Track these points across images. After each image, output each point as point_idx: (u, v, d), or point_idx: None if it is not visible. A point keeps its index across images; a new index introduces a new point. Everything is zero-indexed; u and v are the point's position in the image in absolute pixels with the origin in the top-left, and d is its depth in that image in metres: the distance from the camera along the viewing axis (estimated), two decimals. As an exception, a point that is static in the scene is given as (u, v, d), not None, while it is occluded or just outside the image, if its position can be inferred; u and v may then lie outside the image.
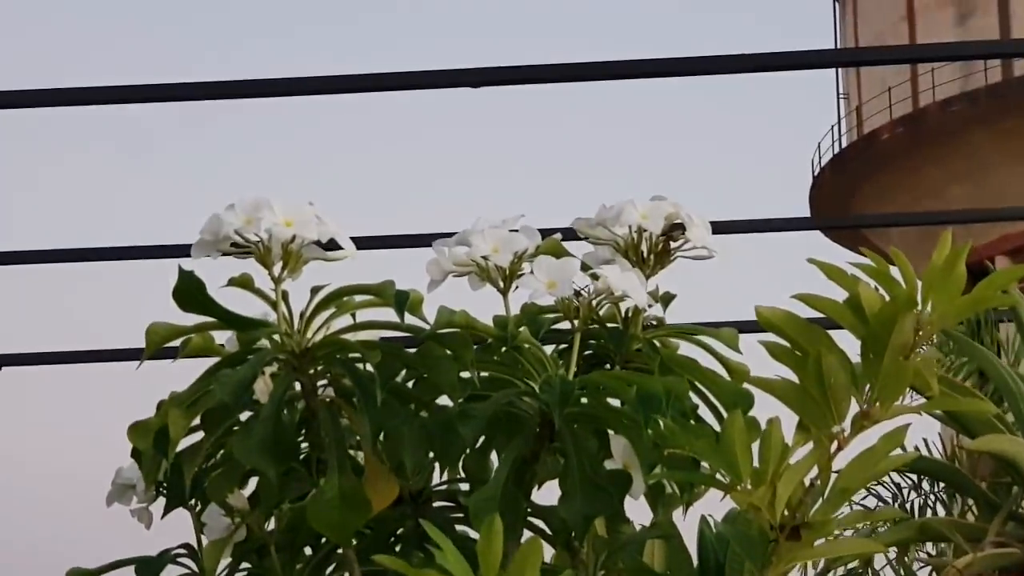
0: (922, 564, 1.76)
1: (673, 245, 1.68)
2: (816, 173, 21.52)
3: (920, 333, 1.30)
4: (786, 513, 1.34)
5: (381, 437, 1.60)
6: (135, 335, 1.62)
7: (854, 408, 1.35)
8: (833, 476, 1.39)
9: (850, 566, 2.28)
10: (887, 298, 1.31)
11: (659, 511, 1.75)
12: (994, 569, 1.43)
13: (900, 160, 19.91)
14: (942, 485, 2.16)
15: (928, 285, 1.30)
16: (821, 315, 1.41)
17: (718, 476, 1.38)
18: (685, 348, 1.74)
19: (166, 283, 1.54)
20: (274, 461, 1.49)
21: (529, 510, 1.64)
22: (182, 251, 1.83)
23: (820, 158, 21.75)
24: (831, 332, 1.40)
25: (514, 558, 1.29)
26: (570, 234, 1.73)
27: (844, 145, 21.50)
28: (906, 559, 1.79)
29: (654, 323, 1.73)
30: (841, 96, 22.65)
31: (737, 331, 1.73)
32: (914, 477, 2.37)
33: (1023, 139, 18.95)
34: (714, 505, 1.95)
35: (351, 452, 1.61)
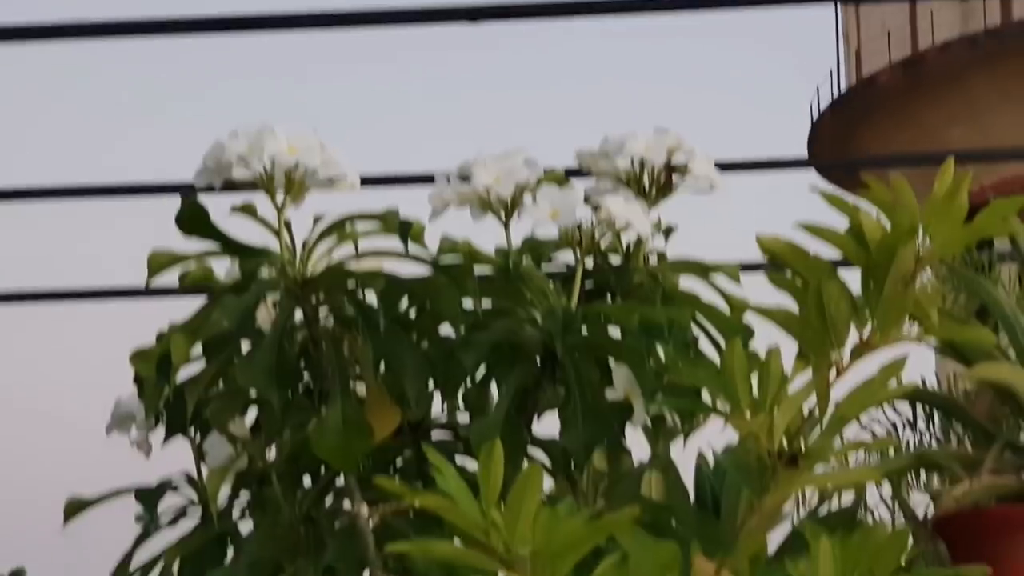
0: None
1: (675, 177, 1.68)
2: (815, 118, 21.47)
3: (921, 262, 1.30)
4: (784, 441, 1.35)
5: (383, 366, 1.61)
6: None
7: (853, 337, 1.35)
8: (832, 407, 1.40)
9: (844, 500, 2.29)
10: (888, 228, 1.32)
11: (658, 444, 1.76)
12: (991, 498, 1.44)
13: (899, 104, 19.86)
14: (937, 424, 2.17)
15: (929, 214, 1.30)
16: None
17: (718, 405, 1.39)
18: (685, 284, 1.74)
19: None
20: (277, 387, 1.50)
21: (529, 440, 1.65)
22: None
23: (819, 103, 21.70)
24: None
25: (514, 484, 1.30)
26: (570, 175, 1.73)
27: (843, 89, 21.43)
28: (902, 489, 1.80)
29: (655, 256, 1.74)
30: (840, 38, 22.58)
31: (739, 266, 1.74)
32: (908, 417, 2.38)
33: (1023, 81, 18.90)
34: (710, 445, 1.96)
35: (352, 383, 1.61)
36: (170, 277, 1.62)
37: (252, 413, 1.74)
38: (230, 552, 1.69)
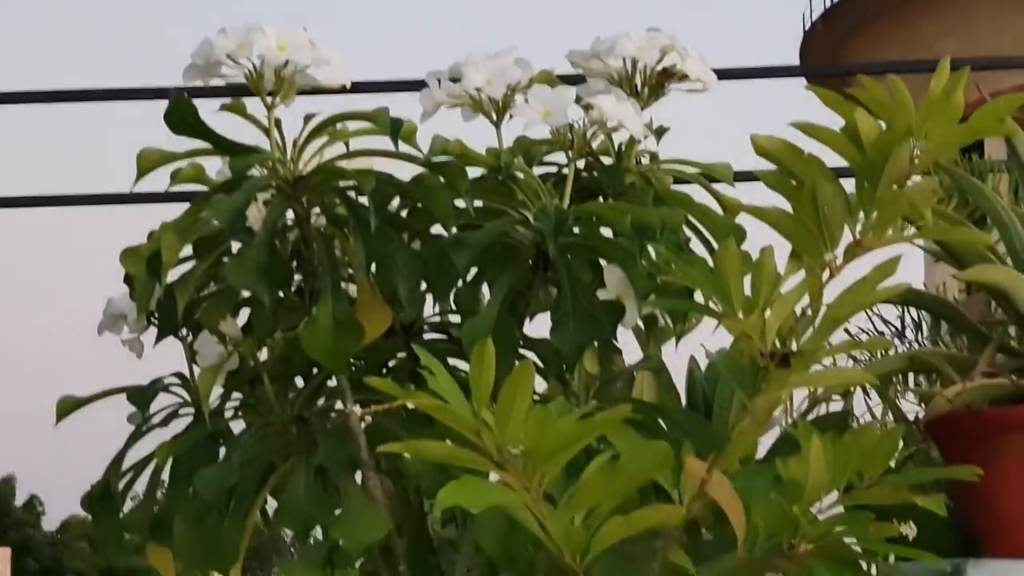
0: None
1: (667, 77, 1.67)
2: (807, 28, 21.36)
3: (916, 162, 1.29)
4: (776, 342, 1.35)
5: (374, 267, 1.61)
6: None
7: (847, 238, 1.35)
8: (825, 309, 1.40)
9: (834, 405, 2.30)
10: (883, 128, 1.30)
11: (650, 346, 1.76)
12: (984, 400, 1.44)
13: (892, 14, 19.76)
14: (927, 333, 2.17)
15: (924, 114, 1.29)
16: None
17: (710, 305, 1.38)
18: (678, 187, 1.74)
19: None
20: (268, 285, 1.49)
21: (520, 341, 1.65)
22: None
23: (811, 12, 21.58)
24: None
25: (506, 383, 1.30)
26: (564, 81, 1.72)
27: (836, -1, 21.31)
28: (894, 392, 1.80)
29: (647, 157, 1.73)
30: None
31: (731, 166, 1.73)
32: (898, 325, 2.38)
33: (1017, -8, 18.79)
34: (701, 352, 1.96)
35: (343, 285, 1.61)
36: (161, 182, 1.61)
37: (243, 314, 1.74)
38: (222, 452, 1.70)
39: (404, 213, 1.62)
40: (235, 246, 1.61)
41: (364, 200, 1.56)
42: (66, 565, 24.78)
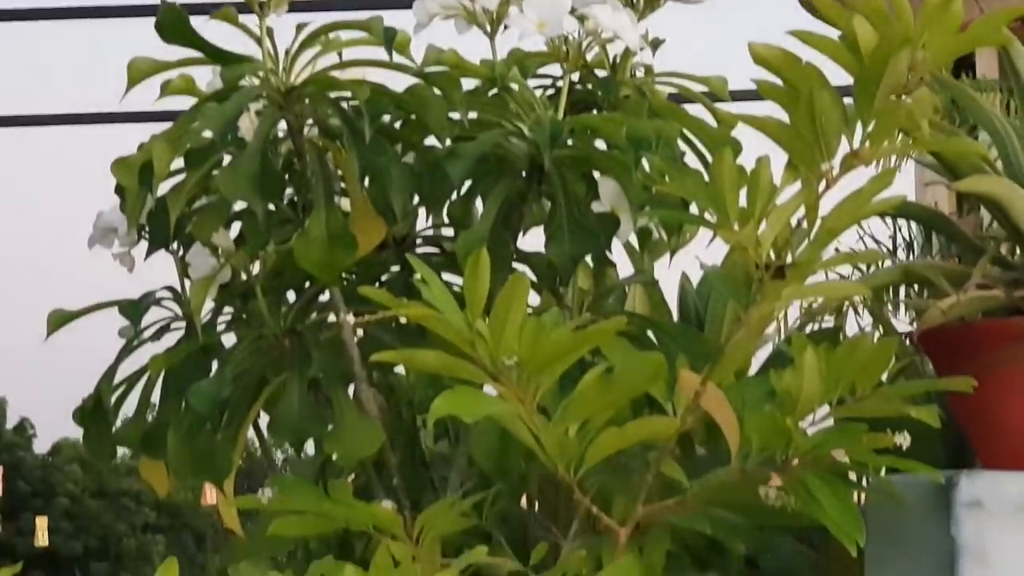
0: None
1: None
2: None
3: (914, 72, 1.28)
4: (771, 253, 1.34)
5: (367, 180, 1.60)
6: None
7: (844, 149, 1.34)
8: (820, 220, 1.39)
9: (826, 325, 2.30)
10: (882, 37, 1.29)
11: (643, 260, 1.75)
12: (977, 312, 1.43)
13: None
14: (919, 252, 2.17)
15: (923, 23, 1.28)
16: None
17: (706, 216, 1.38)
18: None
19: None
20: (261, 195, 1.48)
21: (514, 256, 1.65)
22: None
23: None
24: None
25: (500, 294, 1.29)
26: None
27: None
28: (887, 310, 1.80)
29: (642, 70, 1.72)
30: None
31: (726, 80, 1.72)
32: (889, 245, 2.38)
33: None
34: (695, 269, 1.95)
35: (336, 200, 1.60)
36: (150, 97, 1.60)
37: (235, 229, 1.73)
38: (215, 366, 1.69)
39: (397, 125, 1.61)
40: (227, 159, 1.60)
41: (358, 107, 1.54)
42: (57, 487, 24.87)
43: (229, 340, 1.74)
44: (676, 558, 1.56)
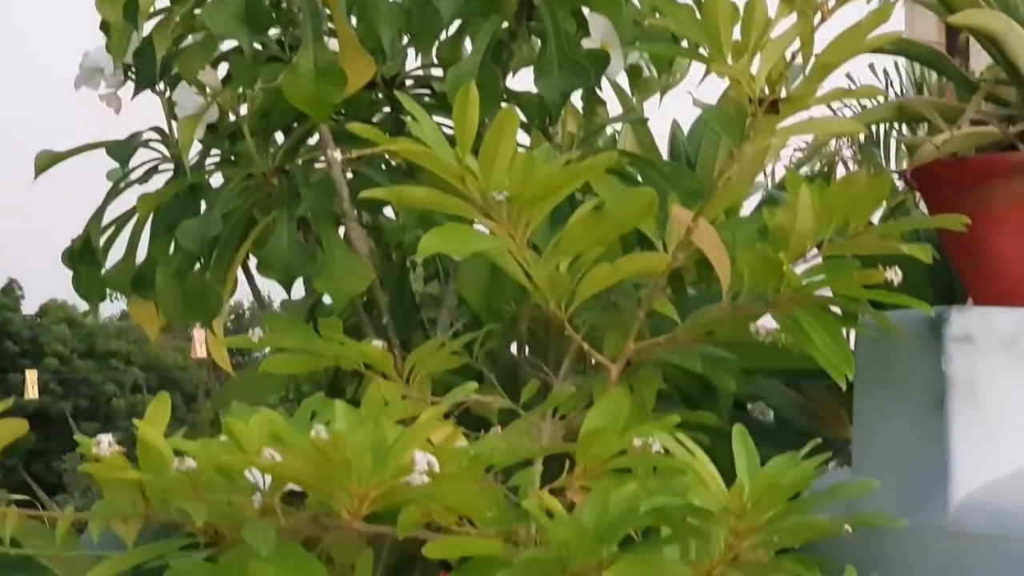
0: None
1: None
2: None
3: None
4: (765, 88, 1.33)
5: (355, 18, 1.58)
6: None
7: (842, -20, 1.32)
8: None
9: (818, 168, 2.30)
10: None
11: (634, 98, 1.74)
12: (971, 148, 1.42)
13: None
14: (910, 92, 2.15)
15: None
16: None
17: (699, 51, 1.36)
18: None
19: None
20: (248, 29, 1.46)
21: (504, 96, 1.63)
22: None
23: None
24: None
25: (490, 127, 1.28)
26: None
27: None
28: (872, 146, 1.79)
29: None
30: None
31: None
32: (880, 99, 2.37)
33: None
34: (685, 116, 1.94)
35: (326, 40, 1.58)
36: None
37: (222, 70, 1.71)
38: (204, 208, 1.68)
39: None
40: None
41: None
42: (46, 348, 24.91)
43: (218, 183, 1.73)
44: (667, 398, 1.57)
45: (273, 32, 1.63)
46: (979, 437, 1.39)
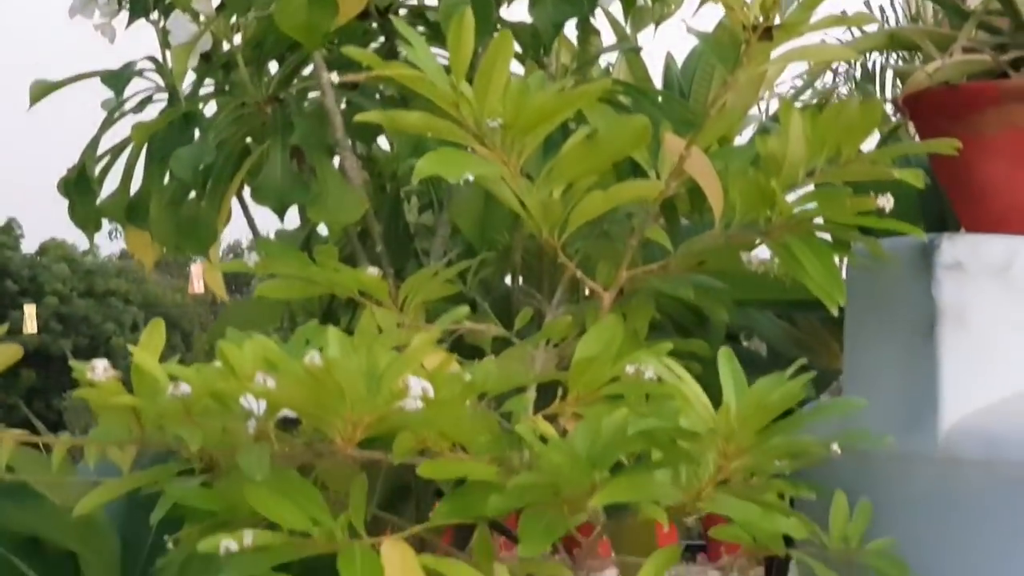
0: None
1: None
2: None
3: None
4: (759, 15, 1.33)
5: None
6: None
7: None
8: None
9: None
10: None
11: (627, 28, 1.74)
12: (963, 76, 1.42)
13: None
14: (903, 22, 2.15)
15: None
16: None
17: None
18: None
19: None
20: (241, -44, 1.46)
21: (497, 25, 1.63)
22: None
23: None
24: None
25: (485, 53, 1.28)
26: None
27: None
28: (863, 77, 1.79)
29: None
30: None
31: None
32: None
33: None
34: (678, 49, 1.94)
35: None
36: None
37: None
38: (197, 136, 1.68)
39: None
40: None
41: None
42: (46, 287, 24.94)
43: (212, 114, 1.73)
44: (659, 327, 1.57)
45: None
46: (969, 364, 1.39)
